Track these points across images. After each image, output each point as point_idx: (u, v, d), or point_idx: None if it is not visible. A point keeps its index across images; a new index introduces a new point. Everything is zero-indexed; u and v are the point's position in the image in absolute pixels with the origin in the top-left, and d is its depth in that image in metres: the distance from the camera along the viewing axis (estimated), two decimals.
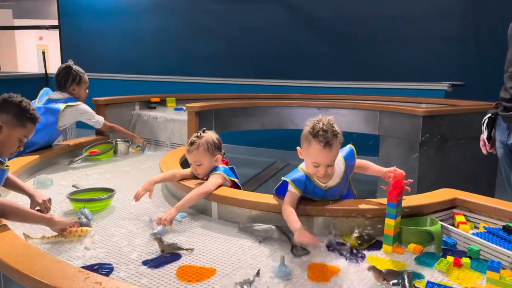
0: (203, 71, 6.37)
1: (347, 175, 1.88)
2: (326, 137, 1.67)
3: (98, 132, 3.36)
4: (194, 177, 2.15)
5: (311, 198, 1.81)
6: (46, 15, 11.60)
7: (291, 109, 3.61)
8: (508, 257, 1.50)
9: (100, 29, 7.41)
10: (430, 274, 1.47)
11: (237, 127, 3.48)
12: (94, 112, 3.13)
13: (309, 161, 1.75)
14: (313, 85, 5.55)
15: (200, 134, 2.11)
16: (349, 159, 1.88)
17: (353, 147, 1.94)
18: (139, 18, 7.05)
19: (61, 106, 2.96)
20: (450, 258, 1.53)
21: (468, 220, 1.84)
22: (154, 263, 1.53)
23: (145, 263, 1.53)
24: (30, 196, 1.97)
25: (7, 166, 1.94)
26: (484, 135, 2.37)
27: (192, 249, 1.62)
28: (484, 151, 2.49)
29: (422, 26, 5.72)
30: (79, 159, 2.94)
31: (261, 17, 6.21)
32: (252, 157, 5.24)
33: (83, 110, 3.04)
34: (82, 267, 1.38)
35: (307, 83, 5.58)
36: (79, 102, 3.05)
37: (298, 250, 1.62)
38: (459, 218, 1.83)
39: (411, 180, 1.75)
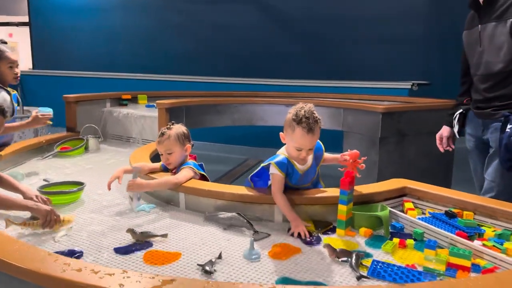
0: (175, 69, 6.45)
1: (316, 163, 2.02)
2: (308, 123, 1.82)
3: (69, 129, 3.40)
4: (163, 170, 2.25)
5: (287, 184, 1.93)
6: (16, 11, 11.37)
7: (260, 106, 3.75)
8: (447, 237, 1.66)
9: (71, 26, 7.37)
10: (377, 254, 1.62)
11: (208, 123, 3.59)
12: None
13: (292, 145, 1.89)
14: (283, 83, 5.70)
15: (170, 126, 2.24)
16: (317, 148, 2.02)
17: (320, 141, 2.09)
18: (111, 16, 7.06)
19: None
20: (396, 240, 1.69)
21: (416, 207, 2.01)
22: (125, 250, 1.62)
23: (116, 250, 1.62)
24: (23, 193, 2.02)
25: None
26: (455, 129, 2.53)
27: (166, 235, 1.71)
28: (441, 149, 2.67)
29: (388, 27, 5.95)
30: (50, 155, 2.99)
31: (233, 16, 6.33)
32: (224, 154, 5.34)
33: None
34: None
35: (278, 82, 5.73)
36: None
37: (259, 234, 1.75)
38: (408, 205, 1.99)
39: (364, 158, 1.93)
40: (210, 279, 1.39)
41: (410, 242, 1.68)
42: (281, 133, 1.96)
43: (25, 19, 8.03)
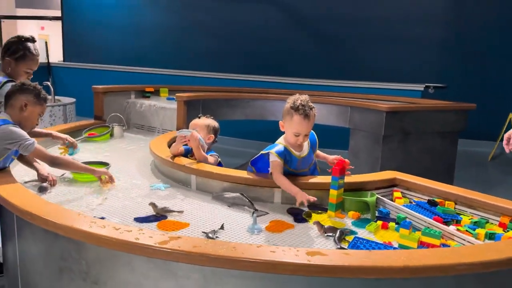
0: (197, 65, 6.74)
1: (312, 151, 2.26)
2: (304, 110, 2.08)
3: (97, 117, 3.71)
4: (184, 155, 2.51)
5: (287, 169, 2.16)
6: (48, 5, 11.88)
7: (272, 102, 3.99)
8: (424, 221, 1.87)
9: (101, 21, 7.74)
10: (361, 232, 1.84)
11: (223, 116, 3.84)
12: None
13: (290, 131, 2.13)
14: (298, 82, 5.90)
15: (208, 116, 2.66)
16: (312, 137, 2.28)
17: (314, 132, 2.32)
18: (139, 12, 7.39)
19: None
20: (379, 222, 1.90)
21: (404, 196, 2.21)
22: (143, 219, 1.88)
23: (136, 219, 1.88)
24: (37, 169, 2.32)
25: None
26: None
27: (182, 211, 1.96)
28: (506, 150, 2.67)
29: (404, 29, 6.07)
30: (79, 139, 3.28)
31: (254, 16, 6.57)
32: (239, 148, 5.60)
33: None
34: None
35: (295, 80, 5.94)
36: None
37: (258, 212, 1.99)
38: (396, 194, 2.20)
39: (351, 167, 2.14)
40: None
41: (392, 224, 1.89)
42: (280, 121, 2.20)
43: (58, 13, 8.43)
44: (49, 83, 4.92)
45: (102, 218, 1.85)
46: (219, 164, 2.52)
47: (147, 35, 7.34)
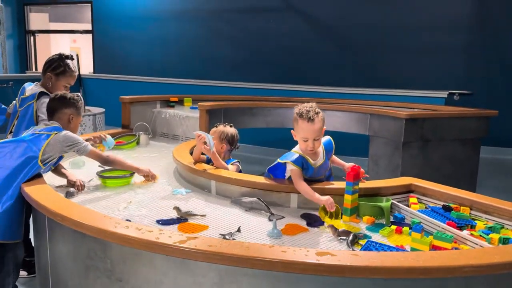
0: (221, 75, 6.90)
1: (328, 157, 2.31)
2: (308, 114, 2.14)
3: (124, 126, 3.87)
4: (206, 162, 2.61)
5: (304, 177, 2.20)
6: (80, 19, 12.33)
7: (292, 110, 4.03)
8: (438, 226, 1.90)
9: (129, 34, 8.01)
10: (375, 236, 1.88)
11: (244, 124, 3.95)
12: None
13: (299, 138, 2.20)
14: (322, 90, 5.96)
15: (226, 125, 2.73)
16: (327, 144, 2.34)
17: (331, 138, 2.38)
18: (165, 25, 7.62)
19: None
20: (393, 226, 1.94)
21: (420, 202, 2.24)
22: (164, 222, 1.98)
23: (157, 221, 1.98)
24: (67, 177, 2.47)
25: None
26: None
27: (204, 215, 2.05)
28: None
29: (430, 36, 6.03)
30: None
31: (276, 25, 6.68)
32: (261, 156, 5.69)
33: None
34: None
35: (317, 89, 6.01)
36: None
37: (275, 216, 2.06)
38: (412, 200, 2.23)
39: (367, 175, 2.23)
40: None
41: (405, 229, 1.93)
42: (292, 130, 2.27)
43: (89, 27, 8.77)
44: (80, 94, 5.13)
45: (128, 220, 1.96)
46: (239, 171, 2.61)
47: (172, 46, 7.55)
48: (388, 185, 2.26)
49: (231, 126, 2.76)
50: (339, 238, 1.83)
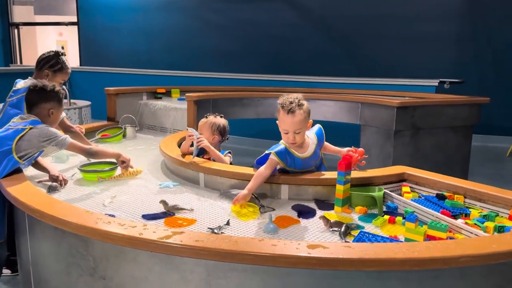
0: (210, 66, 6.79)
1: (319, 148, 2.25)
2: (290, 106, 2.07)
3: (110, 118, 3.78)
4: (198, 155, 2.53)
5: (292, 170, 2.16)
6: (65, 11, 12.10)
7: None
8: (432, 215, 1.85)
9: (115, 26, 7.85)
10: (368, 227, 1.83)
11: (234, 115, 3.87)
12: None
13: (281, 129, 2.14)
14: (313, 80, 5.89)
15: (216, 116, 2.64)
16: (319, 134, 2.28)
17: (321, 126, 2.31)
18: (151, 16, 7.48)
19: None
20: (386, 216, 1.89)
21: (413, 191, 2.19)
22: (150, 216, 1.91)
23: (143, 216, 1.90)
24: (49, 171, 2.38)
25: None
26: None
27: (192, 209, 1.97)
28: None
29: (421, 25, 5.99)
30: (92, 140, 3.34)
31: (265, 15, 6.58)
32: (252, 148, 5.61)
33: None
34: None
35: (308, 79, 5.93)
36: None
37: (265, 208, 2.00)
38: (405, 189, 2.18)
39: (365, 156, 2.13)
40: None
41: (399, 218, 1.88)
42: (277, 121, 2.19)
43: (74, 19, 8.58)
44: (65, 87, 5.00)
45: (111, 215, 1.88)
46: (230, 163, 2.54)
47: (159, 37, 7.42)
48: (380, 174, 2.21)
49: (221, 117, 2.68)
50: (331, 229, 1.78)
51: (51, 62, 2.88)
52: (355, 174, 2.11)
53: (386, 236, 1.70)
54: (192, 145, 2.47)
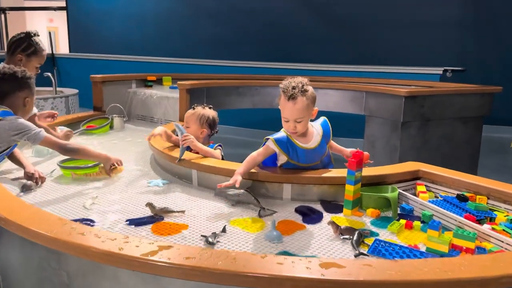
0: (204, 53, 6.51)
1: (325, 141, 2.02)
2: (291, 92, 1.85)
3: (96, 108, 3.52)
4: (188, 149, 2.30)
5: (295, 164, 1.95)
6: None
7: None
8: (455, 220, 1.64)
9: (105, 11, 7.54)
10: (382, 233, 1.61)
11: (229, 105, 3.62)
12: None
13: (282, 117, 1.92)
14: (313, 68, 5.64)
15: (205, 107, 2.38)
16: (325, 126, 2.06)
17: (326, 118, 2.09)
18: (143, 1, 7.17)
19: None
20: (403, 221, 1.68)
21: (429, 190, 1.98)
22: (136, 221, 1.67)
23: (129, 221, 1.67)
24: (24, 167, 2.14)
25: None
26: None
27: (183, 211, 1.75)
28: None
29: (422, 12, 5.76)
30: (77, 132, 3.10)
31: (262, 1, 6.30)
32: (247, 138, 5.38)
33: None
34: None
35: (307, 66, 5.68)
36: None
37: (265, 211, 1.78)
38: (420, 188, 1.96)
39: (370, 161, 1.97)
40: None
41: (417, 223, 1.67)
42: (279, 106, 1.98)
43: (63, 3, 8.24)
44: (49, 74, 4.73)
45: (91, 221, 1.66)
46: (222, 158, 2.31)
47: (152, 23, 7.12)
48: (392, 172, 1.98)
49: (210, 108, 2.44)
50: (341, 237, 1.56)
51: (23, 45, 2.59)
52: (365, 172, 1.88)
53: (405, 246, 1.49)
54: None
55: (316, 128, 2.02)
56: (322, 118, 2.10)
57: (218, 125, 2.47)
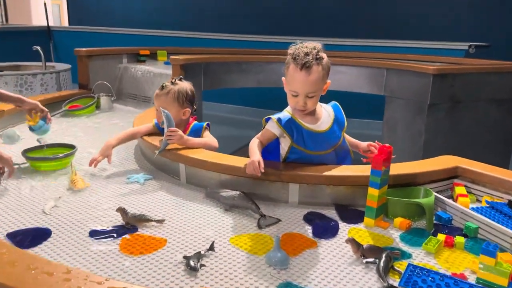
0: (206, 26, 6.04)
1: (338, 127, 1.65)
2: (305, 59, 1.50)
3: (82, 86, 3.15)
4: (159, 129, 1.94)
5: (303, 150, 1.59)
6: None
7: None
8: (511, 237, 1.26)
9: None
10: (416, 254, 1.25)
11: (230, 84, 3.21)
12: None
13: (288, 90, 1.57)
14: (324, 42, 5.18)
15: (175, 81, 1.93)
16: (337, 110, 1.70)
17: (337, 103, 1.72)
18: None
19: None
20: (441, 237, 1.31)
21: (469, 193, 1.61)
22: (102, 234, 1.32)
23: (92, 233, 1.33)
24: None
25: None
26: None
27: (163, 220, 1.40)
28: None
29: None
30: (57, 113, 2.75)
31: None
32: (252, 118, 4.98)
33: None
34: (13, 232, 1.28)
35: (317, 40, 5.22)
36: None
37: (266, 219, 1.42)
38: (459, 189, 1.59)
39: (393, 156, 1.52)
40: (194, 278, 1.09)
41: (459, 240, 1.30)
42: (282, 78, 1.61)
43: None
44: (38, 48, 4.35)
45: (45, 232, 1.32)
46: None
47: None
48: (425, 170, 1.60)
49: (181, 79, 1.97)
50: (364, 260, 1.20)
51: None
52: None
53: (448, 275, 1.13)
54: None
55: (326, 109, 1.67)
56: (332, 102, 1.72)
57: (219, 104, 2.06)
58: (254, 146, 1.56)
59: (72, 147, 1.94)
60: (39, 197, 1.59)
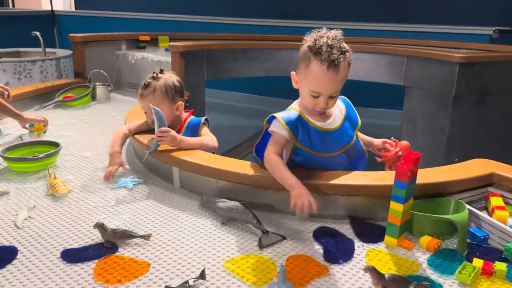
0: (213, 9, 5.76)
1: (350, 125, 1.43)
2: (331, 54, 1.25)
3: (78, 74, 2.95)
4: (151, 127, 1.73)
5: (309, 151, 1.37)
6: None
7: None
8: None
9: None
10: (448, 285, 1.04)
11: (235, 73, 2.96)
12: None
13: (306, 89, 1.32)
14: (337, 26, 4.88)
15: (157, 75, 1.69)
16: (348, 106, 1.47)
17: (347, 98, 1.49)
18: None
19: None
20: (478, 262, 1.09)
21: (507, 203, 1.38)
22: (76, 255, 1.13)
23: (63, 254, 1.13)
24: None
25: None
26: None
27: (148, 236, 1.20)
28: None
29: None
30: (50, 104, 2.57)
31: None
32: (260, 107, 4.74)
33: None
34: None
35: (330, 24, 4.91)
36: None
37: (268, 236, 1.21)
38: (495, 200, 1.36)
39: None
40: None
41: (500, 266, 1.08)
42: (292, 72, 1.38)
43: None
44: (37, 33, 4.15)
45: (11, 252, 1.14)
46: None
47: None
48: (455, 178, 1.37)
49: (162, 71, 1.73)
50: None
51: None
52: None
53: None
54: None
55: (337, 104, 1.43)
56: (341, 97, 1.48)
57: (226, 92, 1.83)
58: (281, 169, 1.29)
59: (55, 144, 1.75)
60: (12, 205, 1.40)
